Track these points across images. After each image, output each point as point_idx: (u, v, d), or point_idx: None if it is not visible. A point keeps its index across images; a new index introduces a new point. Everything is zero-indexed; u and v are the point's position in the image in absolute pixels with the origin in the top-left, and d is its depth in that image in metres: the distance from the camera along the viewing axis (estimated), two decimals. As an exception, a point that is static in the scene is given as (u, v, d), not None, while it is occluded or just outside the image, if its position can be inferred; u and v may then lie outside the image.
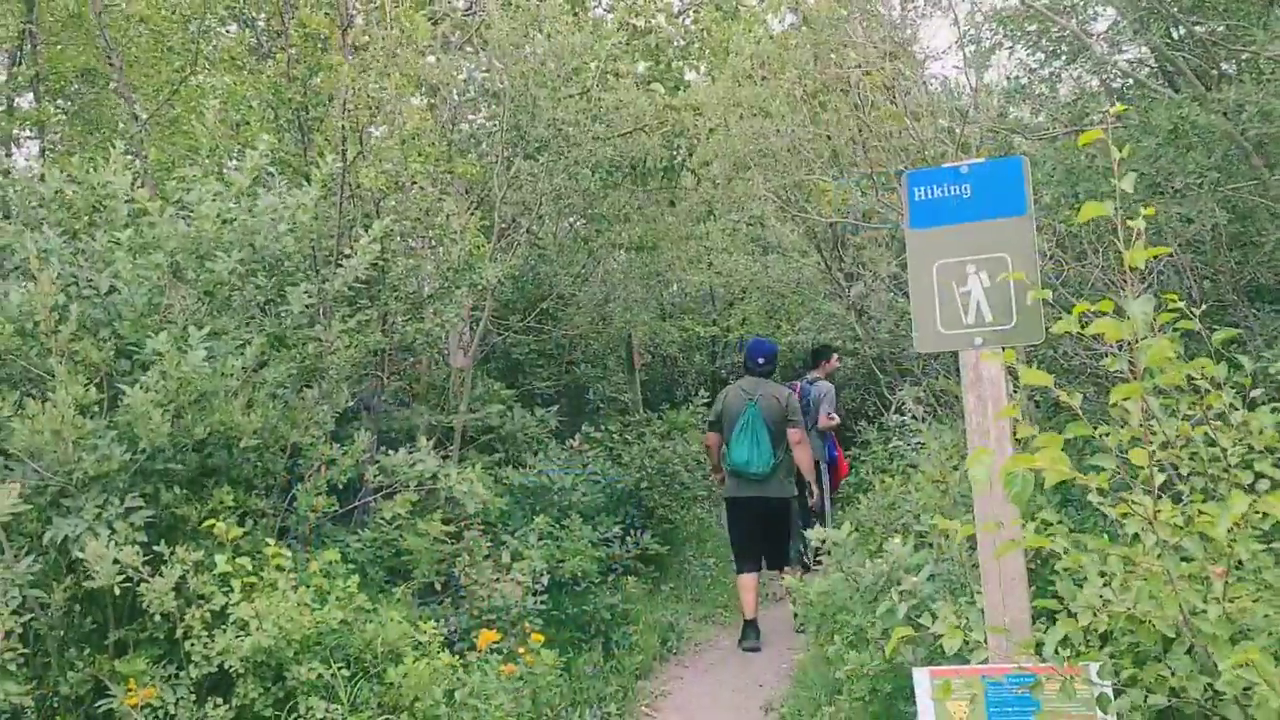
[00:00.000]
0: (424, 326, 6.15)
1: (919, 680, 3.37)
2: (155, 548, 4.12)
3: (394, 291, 6.40)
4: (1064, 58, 6.38)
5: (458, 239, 6.51)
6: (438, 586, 5.64)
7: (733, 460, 6.96)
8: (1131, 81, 6.47)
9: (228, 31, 9.02)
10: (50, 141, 8.55)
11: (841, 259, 9.62)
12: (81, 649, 4.20)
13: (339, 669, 4.32)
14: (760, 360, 7.21)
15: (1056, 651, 2.31)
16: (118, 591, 3.96)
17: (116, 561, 3.88)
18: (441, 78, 7.41)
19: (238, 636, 4.04)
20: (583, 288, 9.60)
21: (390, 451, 5.71)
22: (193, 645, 4.06)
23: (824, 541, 5.03)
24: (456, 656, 4.66)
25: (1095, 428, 2.31)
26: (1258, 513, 2.30)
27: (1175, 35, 6.00)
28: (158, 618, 4.09)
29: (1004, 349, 2.47)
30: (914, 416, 5.83)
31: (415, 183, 6.68)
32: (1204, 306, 3.25)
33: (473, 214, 7.23)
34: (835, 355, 9.51)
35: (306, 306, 5.06)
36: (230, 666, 4.05)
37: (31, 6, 8.13)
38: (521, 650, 5.05)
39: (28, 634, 3.97)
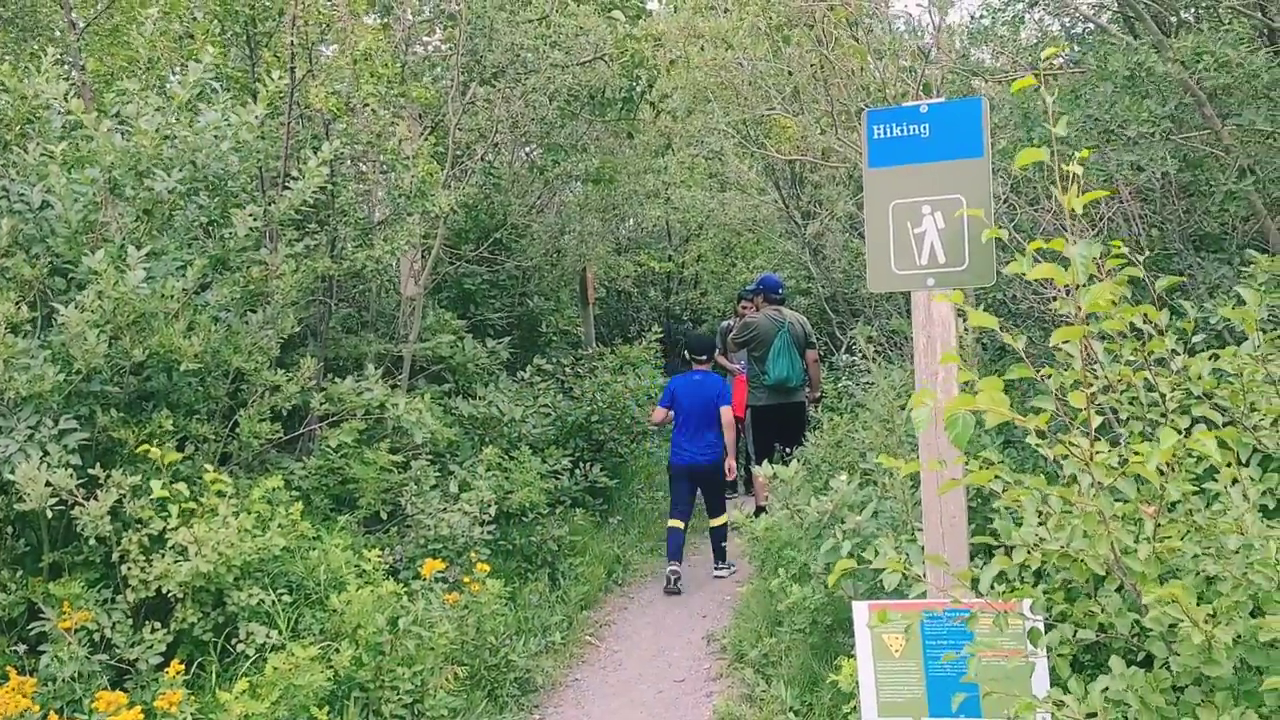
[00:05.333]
0: (374, 253, 6.02)
1: (858, 613, 3.43)
2: (91, 471, 4.04)
3: (343, 216, 6.26)
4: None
5: (410, 165, 6.37)
6: (384, 515, 5.61)
7: (775, 375, 8.02)
8: (1092, 26, 6.44)
9: (172, -61, 8.63)
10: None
11: (799, 197, 9.59)
12: (14, 571, 4.13)
13: (280, 595, 4.30)
14: (779, 292, 8.44)
15: (992, 587, 2.35)
16: (51, 515, 3.88)
17: (49, 484, 3.80)
18: (395, -4, 7.19)
19: (176, 561, 4.00)
20: (537, 219, 9.46)
21: (337, 379, 5.64)
22: (129, 569, 4.01)
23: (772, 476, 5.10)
24: (401, 585, 4.66)
25: (1039, 370, 2.33)
26: (1191, 455, 2.34)
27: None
28: (93, 541, 4.02)
29: (953, 290, 2.46)
30: (864, 356, 5.86)
31: (367, 105, 6.50)
32: (1151, 254, 3.27)
33: (426, 139, 7.07)
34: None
35: (251, 229, 4.93)
36: (168, 591, 4.01)
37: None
38: (467, 580, 5.06)
39: (-43, 555, 3.89)
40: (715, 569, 7.31)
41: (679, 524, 7.14)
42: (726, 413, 7.20)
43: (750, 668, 5.13)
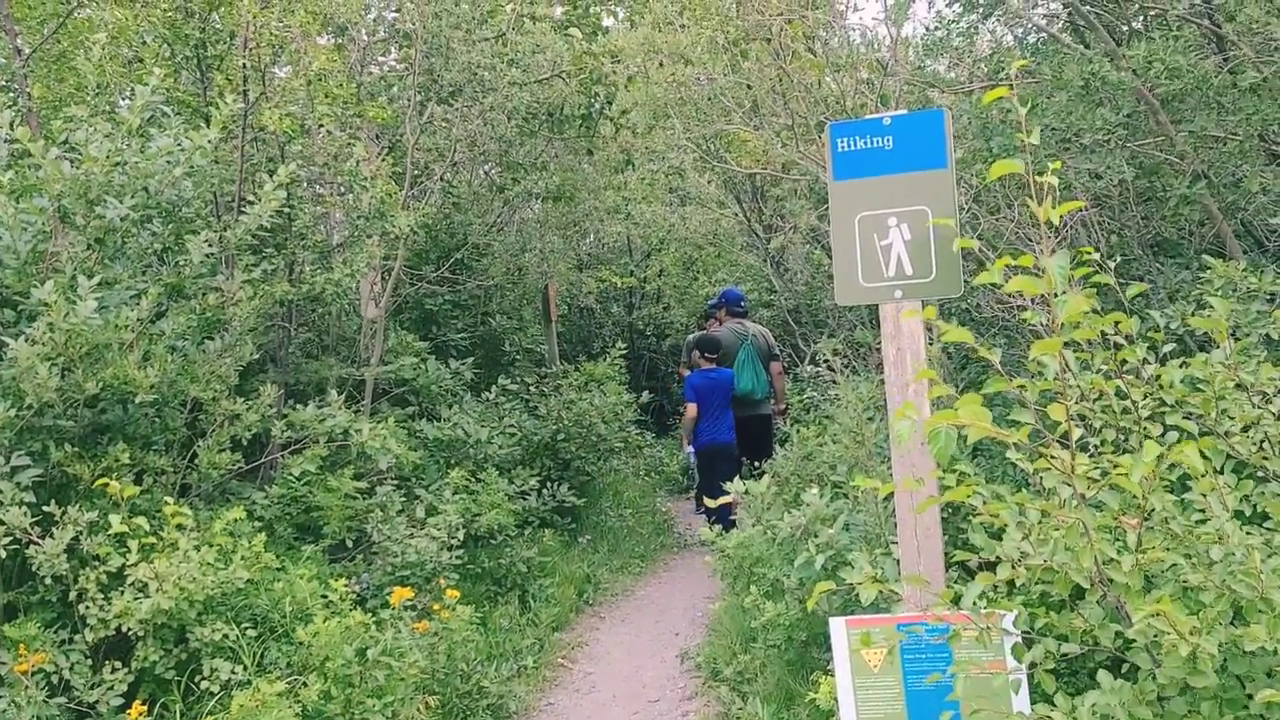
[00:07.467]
0: (333, 276, 5.92)
1: (835, 629, 3.39)
2: (45, 508, 3.91)
3: (301, 240, 6.16)
4: (980, 10, 6.37)
5: (368, 186, 6.29)
6: (349, 543, 5.51)
7: (740, 388, 8.41)
8: (1045, 36, 6.51)
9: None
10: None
11: (761, 211, 9.62)
12: (-33, 615, 3.99)
13: (245, 629, 4.19)
14: (742, 305, 8.81)
15: (975, 604, 2.32)
16: (4, 554, 3.75)
17: (2, 523, 3.68)
18: (349, 16, 7.11)
19: (136, 598, 3.88)
20: (498, 237, 9.40)
21: (299, 405, 5.54)
22: (88, 608, 3.89)
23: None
24: (369, 614, 4.56)
25: (1010, 381, 2.31)
26: (1166, 465, 2.34)
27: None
28: (49, 580, 3.90)
29: (925, 305, 2.44)
30: (831, 368, 5.85)
31: (323, 126, 6.42)
32: (1115, 261, 3.29)
33: (384, 160, 6.99)
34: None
35: (207, 255, 4.83)
36: (129, 629, 3.89)
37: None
38: (436, 606, 4.97)
39: (-94, 600, 3.75)
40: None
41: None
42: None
43: (725, 685, 5.08)
